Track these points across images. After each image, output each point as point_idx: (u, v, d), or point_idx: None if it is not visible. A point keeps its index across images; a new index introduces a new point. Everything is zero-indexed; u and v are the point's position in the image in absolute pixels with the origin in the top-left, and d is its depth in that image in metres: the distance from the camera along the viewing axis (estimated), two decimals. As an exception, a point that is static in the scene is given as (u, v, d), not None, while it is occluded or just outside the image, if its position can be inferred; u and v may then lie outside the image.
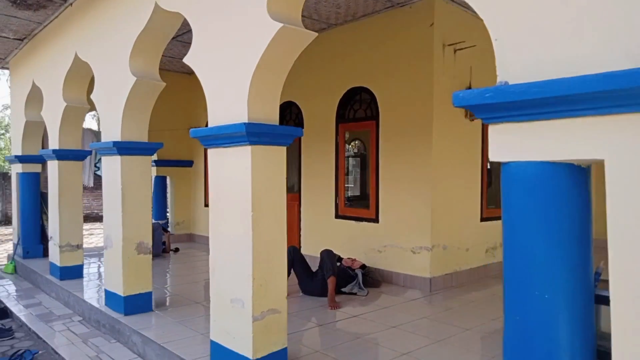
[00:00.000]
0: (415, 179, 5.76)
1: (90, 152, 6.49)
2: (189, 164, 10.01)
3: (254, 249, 2.98)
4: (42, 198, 7.90)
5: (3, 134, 22.63)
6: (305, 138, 7.32)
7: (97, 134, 8.81)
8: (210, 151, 3.35)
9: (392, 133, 6.03)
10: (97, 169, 8.82)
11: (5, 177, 15.55)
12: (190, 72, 9.75)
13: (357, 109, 6.60)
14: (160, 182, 9.89)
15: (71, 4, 5.39)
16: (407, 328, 4.21)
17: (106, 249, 4.77)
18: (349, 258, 5.92)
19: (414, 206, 5.75)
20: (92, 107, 5.93)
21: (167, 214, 10.21)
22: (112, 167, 4.54)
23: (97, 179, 9.08)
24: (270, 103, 3.16)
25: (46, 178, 8.16)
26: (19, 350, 4.13)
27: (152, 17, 3.98)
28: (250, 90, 3.01)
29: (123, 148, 4.42)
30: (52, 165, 6.08)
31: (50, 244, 6.35)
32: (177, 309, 4.75)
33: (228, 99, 3.18)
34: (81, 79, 5.74)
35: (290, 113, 7.73)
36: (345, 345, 3.78)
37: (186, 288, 5.79)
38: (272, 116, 3.18)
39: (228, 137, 3.09)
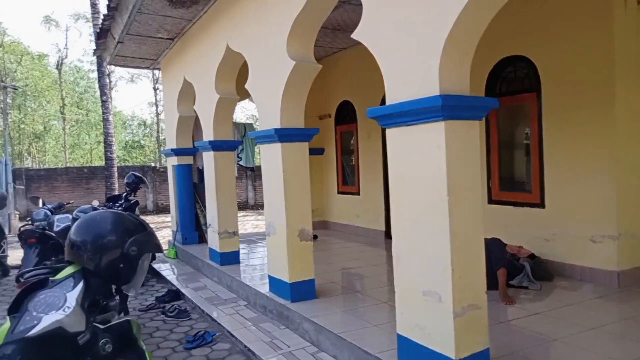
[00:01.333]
0: (591, 156, 4.95)
1: (240, 142, 6.72)
2: (320, 151, 10.04)
3: (452, 237, 2.66)
4: (195, 188, 8.47)
5: (149, 134, 25.21)
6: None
7: (237, 125, 9.19)
8: (390, 131, 3.09)
9: (558, 106, 5.25)
10: (239, 159, 9.24)
11: (155, 170, 17.28)
12: (318, 58, 9.75)
13: (511, 81, 5.90)
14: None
15: (221, -3, 5.52)
16: (611, 330, 3.58)
17: (269, 236, 4.82)
18: (516, 246, 5.34)
19: (592, 188, 4.95)
20: (241, 98, 6.10)
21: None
22: (272, 154, 4.55)
23: (239, 168, 9.51)
24: (463, 71, 2.78)
25: (196, 169, 8.76)
26: (199, 331, 4.35)
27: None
28: (442, 58, 2.65)
29: (284, 135, 4.38)
30: (208, 157, 6.39)
31: (209, 231, 6.72)
32: (337, 297, 4.65)
33: (411, 73, 2.87)
34: (231, 71, 5.90)
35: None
36: (541, 348, 3.31)
37: (338, 276, 5.71)
38: (464, 86, 2.78)
39: (415, 113, 2.79)
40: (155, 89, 20.72)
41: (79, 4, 53.19)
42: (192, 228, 8.37)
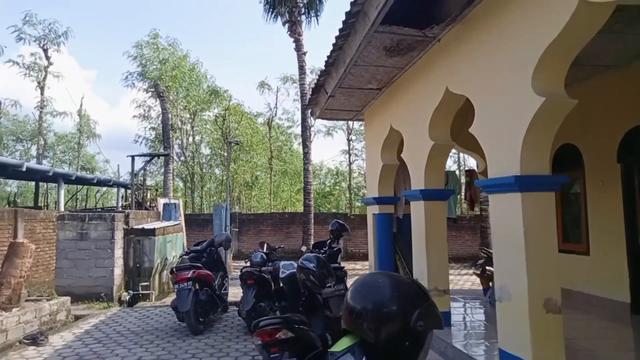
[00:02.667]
0: None
1: (452, 192, 6.23)
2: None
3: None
4: (394, 238, 8.19)
5: (339, 182, 26.48)
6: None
7: (448, 174, 8.73)
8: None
9: None
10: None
11: (346, 217, 17.83)
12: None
13: None
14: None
15: (439, 40, 5.27)
16: None
17: (500, 302, 4.10)
18: None
19: None
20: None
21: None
22: (508, 206, 3.91)
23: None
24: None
25: (396, 219, 8.50)
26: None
27: (575, 13, 3.20)
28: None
29: (525, 183, 3.73)
30: (417, 207, 6.03)
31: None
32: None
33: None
34: (447, 115, 5.54)
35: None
36: None
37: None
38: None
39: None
40: (349, 140, 21.88)
41: (287, 68, 61.81)
42: (393, 280, 8.01)
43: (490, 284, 7.69)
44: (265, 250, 7.94)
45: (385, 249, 8.06)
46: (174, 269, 6.95)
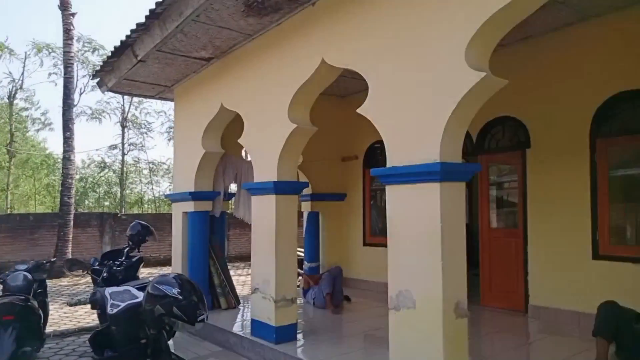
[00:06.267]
0: None
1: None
2: (340, 197, 8.93)
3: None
4: (209, 241, 6.99)
5: (106, 178, 22.43)
6: (534, 160, 6.04)
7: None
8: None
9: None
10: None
11: (116, 218, 15.16)
12: (341, 95, 8.86)
13: (631, 119, 5.26)
14: (314, 218, 8.80)
15: (313, 4, 4.46)
16: None
17: (397, 311, 3.56)
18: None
19: None
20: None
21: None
22: (420, 198, 3.41)
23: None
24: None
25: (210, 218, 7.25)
26: None
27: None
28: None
29: (446, 172, 3.28)
30: (265, 202, 5.07)
31: (256, 298, 5.26)
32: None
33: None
34: (314, 94, 4.81)
35: (503, 130, 6.50)
36: None
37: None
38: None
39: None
40: (124, 127, 18.64)
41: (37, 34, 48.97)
42: (205, 291, 6.78)
43: (311, 283, 7.31)
44: (27, 266, 5.60)
45: (201, 254, 6.78)
46: None
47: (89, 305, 6.55)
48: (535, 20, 5.33)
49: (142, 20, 5.01)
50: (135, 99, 18.63)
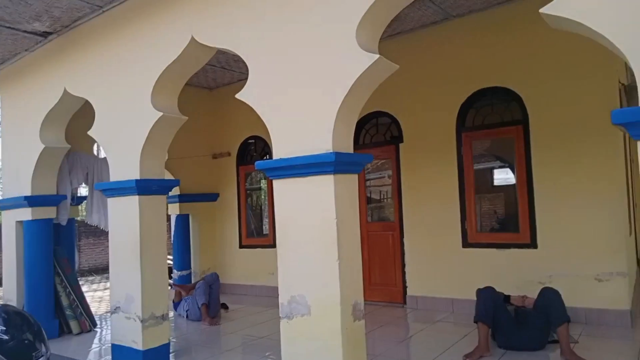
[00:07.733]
0: (593, 191, 4.85)
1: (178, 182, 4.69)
2: (212, 197, 8.27)
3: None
4: (54, 254, 5.82)
5: None
6: (406, 155, 6.18)
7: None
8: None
9: (549, 138, 5.12)
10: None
11: None
12: (210, 87, 8.22)
13: (489, 114, 5.63)
14: (183, 221, 7.99)
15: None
16: None
17: (290, 319, 3.17)
18: (519, 296, 4.79)
19: (596, 223, 4.82)
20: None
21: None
22: (317, 190, 3.06)
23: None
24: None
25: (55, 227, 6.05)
26: None
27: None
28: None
29: (340, 162, 2.98)
30: (124, 204, 4.27)
31: (117, 318, 4.43)
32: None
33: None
34: (181, 78, 4.17)
35: (377, 125, 6.55)
36: None
37: None
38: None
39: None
40: None
41: None
42: (51, 315, 5.63)
43: (183, 294, 6.57)
44: None
45: (43, 270, 5.58)
46: None
47: None
48: (405, 16, 5.44)
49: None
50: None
